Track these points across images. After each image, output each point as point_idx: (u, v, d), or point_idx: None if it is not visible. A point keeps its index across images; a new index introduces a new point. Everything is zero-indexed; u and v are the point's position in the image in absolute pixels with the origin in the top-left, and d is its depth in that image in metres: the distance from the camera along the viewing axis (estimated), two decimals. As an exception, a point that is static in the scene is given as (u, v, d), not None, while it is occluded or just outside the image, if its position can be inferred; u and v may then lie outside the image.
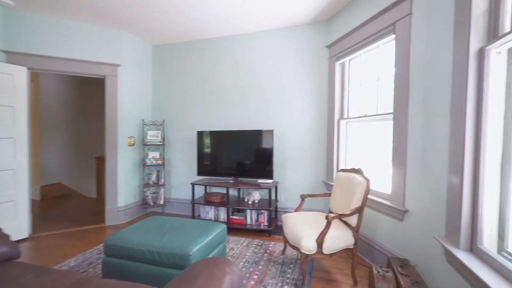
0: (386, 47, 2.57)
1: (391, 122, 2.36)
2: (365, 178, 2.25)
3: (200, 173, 3.89)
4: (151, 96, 4.49)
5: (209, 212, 3.72)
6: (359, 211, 2.19)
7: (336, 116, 3.29)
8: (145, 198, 4.16)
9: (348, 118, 3.16)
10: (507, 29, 1.26)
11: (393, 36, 2.33)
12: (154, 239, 2.02)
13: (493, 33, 1.31)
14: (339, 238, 2.15)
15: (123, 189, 3.90)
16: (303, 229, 2.23)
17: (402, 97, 2.18)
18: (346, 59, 3.14)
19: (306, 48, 3.61)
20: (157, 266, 1.92)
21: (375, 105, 2.72)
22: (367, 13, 2.64)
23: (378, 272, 1.96)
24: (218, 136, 3.81)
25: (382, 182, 2.61)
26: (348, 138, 3.24)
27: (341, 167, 3.28)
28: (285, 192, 3.78)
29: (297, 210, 2.78)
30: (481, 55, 1.35)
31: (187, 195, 4.28)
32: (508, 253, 1.24)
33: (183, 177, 4.33)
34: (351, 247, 2.21)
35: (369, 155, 2.92)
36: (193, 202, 3.66)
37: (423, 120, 1.98)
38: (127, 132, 3.95)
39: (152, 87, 4.48)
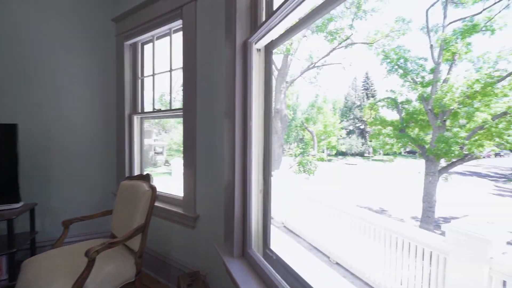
0: (180, 36, 2.30)
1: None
2: (151, 186, 1.81)
3: None
4: None
5: None
6: (142, 229, 1.71)
7: (127, 110, 2.64)
8: None
9: (143, 113, 2.62)
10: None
11: (181, 21, 2.07)
12: None
13: (254, 26, 1.29)
14: (111, 276, 1.55)
15: None
16: (49, 281, 1.40)
17: (191, 91, 1.96)
18: (137, 40, 2.58)
19: (86, 13, 2.65)
20: None
21: (169, 99, 2.39)
22: (155, -11, 2.22)
23: (162, 303, 1.59)
24: None
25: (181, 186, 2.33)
26: (144, 136, 2.71)
27: (136, 173, 2.68)
28: (53, 216, 2.58)
29: (55, 245, 1.84)
30: (245, 49, 1.29)
31: None
32: (270, 250, 1.24)
33: None
34: (133, 279, 1.69)
35: (173, 155, 2.56)
36: None
37: (210, 117, 1.84)
38: None
39: None
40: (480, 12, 10.28)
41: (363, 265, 2.85)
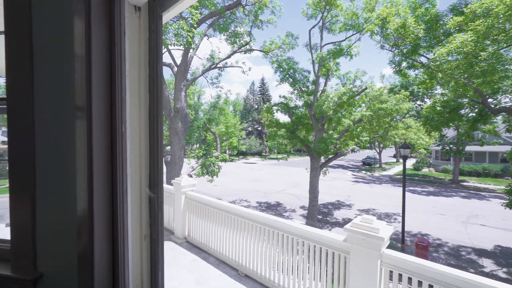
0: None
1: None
2: None
3: None
4: None
5: None
6: None
7: None
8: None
9: None
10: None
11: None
12: None
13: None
14: None
15: None
16: None
17: (22, 71, 1.19)
18: None
19: None
20: None
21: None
22: None
23: None
24: None
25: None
26: None
27: None
28: None
29: None
30: (110, 2, 0.78)
31: None
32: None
33: None
34: None
35: None
36: None
37: (60, 114, 1.15)
38: None
39: None
40: (344, 40, 13.09)
41: (272, 274, 2.77)
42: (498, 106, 11.45)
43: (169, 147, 13.09)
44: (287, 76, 13.76)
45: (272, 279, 2.77)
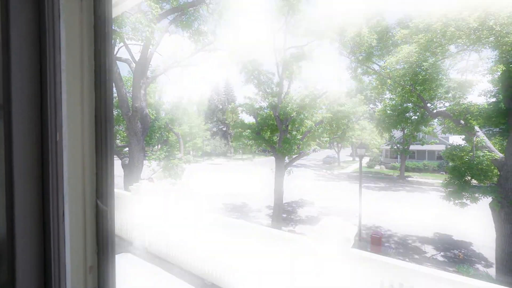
0: None
1: None
2: None
3: None
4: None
5: None
6: None
7: None
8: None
9: None
10: None
11: None
12: None
13: None
14: None
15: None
16: None
17: None
18: None
19: None
20: None
21: None
22: None
23: None
24: None
25: None
26: None
27: None
28: None
29: None
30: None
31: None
32: None
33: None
34: None
35: None
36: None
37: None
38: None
39: None
40: (306, 45, 13.61)
41: (240, 279, 2.68)
42: (435, 111, 13.05)
43: (127, 149, 12.13)
44: (252, 77, 13.80)
45: (240, 286, 2.69)
